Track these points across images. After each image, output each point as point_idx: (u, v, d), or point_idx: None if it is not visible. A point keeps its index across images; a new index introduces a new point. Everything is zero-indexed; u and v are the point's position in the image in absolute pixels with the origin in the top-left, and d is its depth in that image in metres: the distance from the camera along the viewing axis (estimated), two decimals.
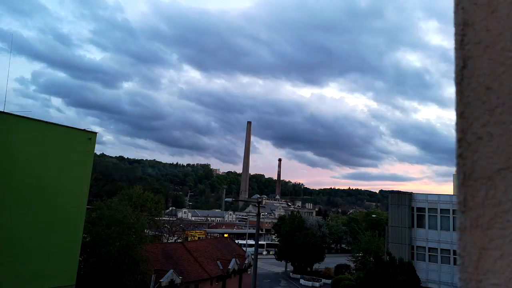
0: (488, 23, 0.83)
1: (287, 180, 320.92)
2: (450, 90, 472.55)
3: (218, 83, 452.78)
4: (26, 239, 21.25)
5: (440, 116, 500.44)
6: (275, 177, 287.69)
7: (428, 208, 40.75)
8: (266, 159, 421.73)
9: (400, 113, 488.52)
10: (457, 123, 0.84)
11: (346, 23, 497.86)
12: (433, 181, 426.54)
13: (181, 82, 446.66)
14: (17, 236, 21.02)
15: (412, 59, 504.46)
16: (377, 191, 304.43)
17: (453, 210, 38.37)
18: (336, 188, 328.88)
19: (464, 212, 0.81)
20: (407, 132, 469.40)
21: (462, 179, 0.82)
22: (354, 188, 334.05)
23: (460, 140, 0.83)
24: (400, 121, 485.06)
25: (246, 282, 42.94)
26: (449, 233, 39.26)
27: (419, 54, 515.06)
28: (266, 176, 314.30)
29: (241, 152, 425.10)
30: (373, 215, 78.70)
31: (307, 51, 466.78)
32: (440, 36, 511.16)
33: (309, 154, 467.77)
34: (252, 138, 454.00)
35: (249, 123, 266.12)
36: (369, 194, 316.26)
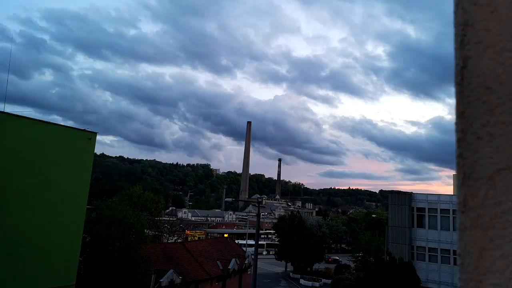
0: (488, 23, 0.83)
1: (287, 180, 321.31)
2: (355, 79, 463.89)
3: (126, 74, 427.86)
4: (26, 239, 21.24)
5: (368, 110, 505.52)
6: (275, 177, 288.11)
7: (428, 208, 40.76)
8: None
9: (326, 105, 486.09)
10: (457, 123, 0.84)
11: (205, 5, 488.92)
12: (406, 179, 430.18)
13: (92, 73, 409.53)
14: (17, 236, 21.01)
15: (299, 49, 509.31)
16: (377, 191, 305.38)
17: (453, 210, 38.39)
18: (336, 188, 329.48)
19: (464, 212, 0.81)
20: (347, 127, 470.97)
21: (462, 179, 0.82)
22: (354, 188, 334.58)
23: (460, 140, 0.83)
24: (335, 115, 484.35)
25: (246, 282, 42.94)
26: (449, 233, 39.27)
27: (302, 43, 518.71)
28: (266, 176, 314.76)
29: (202, 146, 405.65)
30: (373, 215, 78.72)
31: (194, 39, 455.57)
32: (317, 25, 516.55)
33: (272, 151, 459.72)
34: (210, 135, 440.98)
35: (249, 123, 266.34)
36: (369, 194, 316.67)
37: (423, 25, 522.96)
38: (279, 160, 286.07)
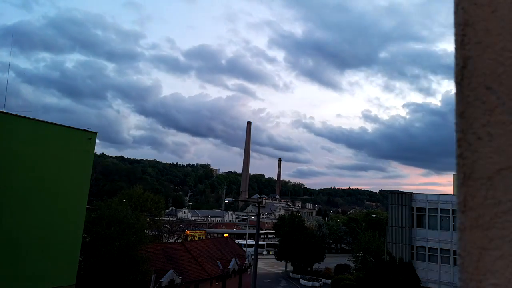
0: (488, 23, 0.83)
1: (287, 180, 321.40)
2: (258, 69, 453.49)
3: (27, 64, 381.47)
4: (26, 239, 21.25)
5: (294, 104, 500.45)
6: (275, 177, 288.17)
7: (428, 208, 40.77)
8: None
9: (248, 96, 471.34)
10: (457, 123, 0.84)
11: None
12: (377, 177, 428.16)
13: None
14: (17, 236, 21.02)
15: (181, 38, 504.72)
16: (377, 191, 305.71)
17: (453, 210, 38.39)
18: (336, 188, 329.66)
19: (464, 212, 0.81)
20: (291, 123, 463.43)
21: (462, 179, 0.82)
22: (354, 188, 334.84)
23: (460, 140, 0.83)
24: (265, 109, 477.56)
25: (246, 282, 42.94)
26: (449, 233, 39.27)
27: (178, 33, 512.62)
28: (266, 176, 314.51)
29: (164, 141, 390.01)
30: (373, 215, 78.77)
31: (68, 27, 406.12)
32: (179, 13, 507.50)
33: (235, 148, 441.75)
34: (164, 129, 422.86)
35: (249, 123, 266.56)
36: (369, 194, 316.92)
37: (280, 11, 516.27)
38: (279, 160, 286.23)
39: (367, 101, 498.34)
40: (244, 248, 56.10)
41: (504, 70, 0.81)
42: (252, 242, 64.19)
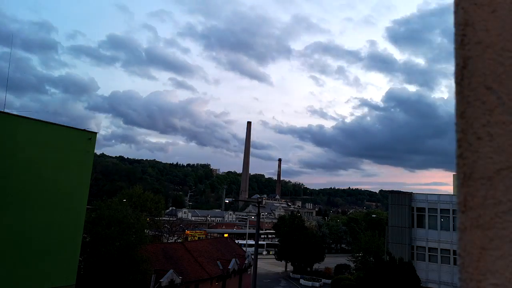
0: (488, 23, 0.83)
1: (287, 180, 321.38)
2: (174, 59, 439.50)
3: None
4: (26, 239, 21.25)
5: (238, 101, 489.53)
6: (275, 177, 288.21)
7: (428, 208, 40.76)
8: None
9: (188, 91, 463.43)
10: (457, 123, 0.84)
11: None
12: (358, 176, 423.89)
13: None
14: (17, 236, 21.01)
15: (89, 31, 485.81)
16: (377, 191, 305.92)
17: (453, 210, 38.39)
18: (336, 188, 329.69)
19: (464, 212, 0.81)
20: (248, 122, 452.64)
21: (462, 179, 0.82)
22: (354, 188, 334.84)
23: (460, 140, 0.83)
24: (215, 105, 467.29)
25: (246, 282, 42.95)
26: (449, 233, 39.26)
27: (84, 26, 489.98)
28: (266, 176, 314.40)
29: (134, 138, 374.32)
30: (373, 215, 78.78)
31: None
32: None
33: (209, 149, 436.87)
34: (128, 126, 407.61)
35: (249, 123, 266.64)
36: (369, 194, 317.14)
37: (166, 4, 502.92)
38: (279, 160, 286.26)
39: (303, 98, 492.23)
40: (244, 248, 56.08)
41: (504, 70, 0.81)
42: (252, 242, 64.19)
